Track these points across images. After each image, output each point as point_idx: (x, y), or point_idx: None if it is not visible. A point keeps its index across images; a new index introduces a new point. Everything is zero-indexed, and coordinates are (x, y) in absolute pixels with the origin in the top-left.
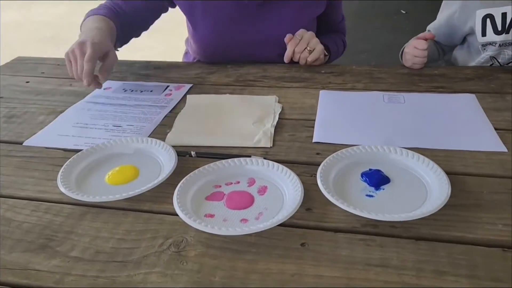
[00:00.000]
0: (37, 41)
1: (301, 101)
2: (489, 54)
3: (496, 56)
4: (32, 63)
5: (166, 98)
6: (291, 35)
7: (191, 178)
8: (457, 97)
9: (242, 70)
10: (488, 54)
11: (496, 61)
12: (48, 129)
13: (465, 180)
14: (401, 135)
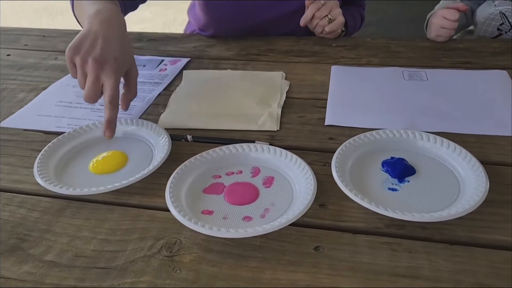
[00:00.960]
0: (31, 12)
1: (311, 77)
2: (498, 9)
3: (506, 13)
4: (15, 35)
5: (160, 73)
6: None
7: (186, 167)
8: (486, 73)
9: (245, 43)
10: (498, 9)
11: (506, 20)
12: (28, 108)
13: (503, 172)
14: (425, 118)
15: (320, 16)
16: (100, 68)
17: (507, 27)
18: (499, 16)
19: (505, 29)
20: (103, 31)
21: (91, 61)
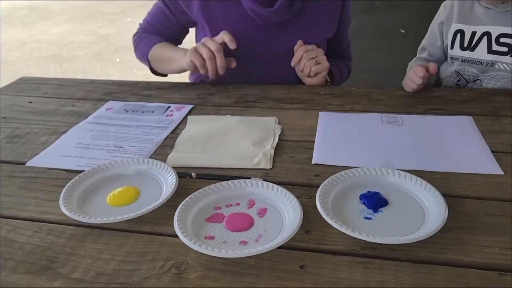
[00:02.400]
0: (40, 59)
1: (301, 122)
2: (454, 68)
3: (461, 71)
4: (35, 83)
5: (168, 118)
6: (301, 41)
7: (191, 199)
8: (454, 119)
9: (242, 91)
10: (454, 68)
11: (462, 77)
12: (51, 150)
13: (463, 203)
14: (399, 157)
15: (308, 57)
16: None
17: (463, 82)
18: (455, 74)
19: (462, 83)
20: None
21: (201, 43)
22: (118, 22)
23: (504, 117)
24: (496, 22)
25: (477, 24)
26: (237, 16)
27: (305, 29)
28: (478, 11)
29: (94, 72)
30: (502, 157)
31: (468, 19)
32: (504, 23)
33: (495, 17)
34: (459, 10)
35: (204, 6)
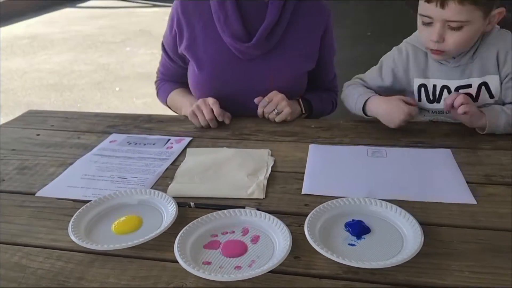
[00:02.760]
0: (41, 88)
1: (292, 154)
2: (428, 118)
3: (434, 120)
4: (42, 116)
5: (168, 151)
6: (261, 97)
7: (190, 227)
8: (434, 152)
9: (238, 124)
10: (428, 118)
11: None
12: (58, 181)
13: (438, 230)
14: (383, 188)
15: (268, 112)
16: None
17: None
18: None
19: None
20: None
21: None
22: (118, 52)
23: (480, 150)
24: (450, 76)
25: (435, 77)
26: (219, 52)
27: (285, 61)
28: (433, 65)
29: (94, 101)
30: (476, 187)
31: (425, 73)
32: (458, 76)
33: (449, 72)
34: (414, 62)
35: (190, 45)
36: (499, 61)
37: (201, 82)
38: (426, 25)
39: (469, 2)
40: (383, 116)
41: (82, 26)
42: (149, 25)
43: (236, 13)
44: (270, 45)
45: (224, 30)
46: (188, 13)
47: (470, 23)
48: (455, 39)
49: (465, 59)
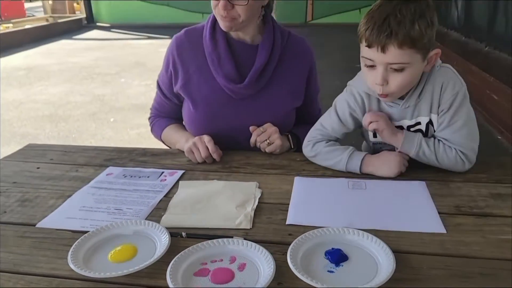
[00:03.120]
0: (36, 119)
1: (279, 186)
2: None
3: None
4: (41, 150)
5: (161, 183)
6: (255, 126)
7: (181, 256)
8: (410, 184)
9: (228, 157)
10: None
11: None
12: (58, 212)
13: (410, 258)
14: (361, 218)
15: (261, 141)
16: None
17: None
18: None
19: None
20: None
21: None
22: (113, 83)
23: (452, 182)
24: (402, 117)
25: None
26: (213, 92)
27: (274, 99)
28: (385, 108)
29: (89, 132)
30: (446, 217)
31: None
32: (408, 117)
33: (400, 113)
34: (369, 106)
35: (185, 85)
36: (440, 98)
37: (196, 120)
38: (369, 67)
39: (408, 46)
40: (382, 171)
41: (78, 57)
42: (144, 57)
43: (229, 56)
44: (261, 85)
45: (218, 72)
46: (183, 54)
47: (410, 65)
48: (398, 81)
49: (413, 99)
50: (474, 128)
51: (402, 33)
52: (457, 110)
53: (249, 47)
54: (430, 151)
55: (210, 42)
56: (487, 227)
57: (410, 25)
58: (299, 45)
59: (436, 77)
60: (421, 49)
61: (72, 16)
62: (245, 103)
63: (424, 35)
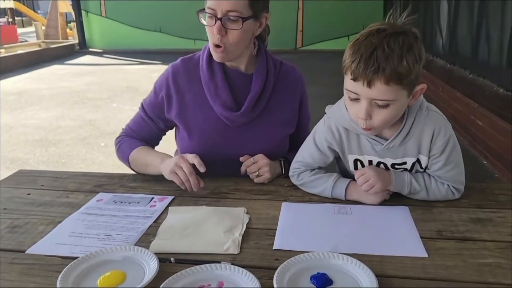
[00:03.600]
0: (26, 143)
1: (266, 212)
2: None
3: None
4: (33, 176)
5: (151, 209)
6: (247, 156)
7: (170, 281)
8: (394, 209)
9: (217, 183)
10: None
11: None
12: (48, 238)
13: (392, 281)
14: (346, 243)
15: (250, 172)
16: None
17: None
18: None
19: None
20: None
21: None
22: (104, 108)
23: (434, 207)
24: (385, 155)
25: (370, 154)
26: (209, 120)
27: (269, 127)
28: (366, 146)
29: (79, 156)
30: (428, 242)
31: (360, 150)
32: (392, 156)
33: (383, 152)
34: (348, 142)
35: (180, 113)
36: (431, 143)
37: (191, 148)
38: (353, 100)
39: (394, 82)
40: (366, 199)
41: (69, 82)
42: (136, 82)
43: (225, 84)
44: (256, 113)
45: (215, 100)
46: (179, 82)
47: (395, 101)
48: (382, 117)
49: (398, 141)
50: (462, 163)
51: (389, 69)
52: (450, 154)
53: (244, 76)
54: (421, 187)
55: (207, 71)
56: (467, 251)
57: (398, 61)
58: (290, 73)
59: (426, 121)
60: (408, 85)
61: (65, 42)
62: (241, 131)
63: (412, 71)
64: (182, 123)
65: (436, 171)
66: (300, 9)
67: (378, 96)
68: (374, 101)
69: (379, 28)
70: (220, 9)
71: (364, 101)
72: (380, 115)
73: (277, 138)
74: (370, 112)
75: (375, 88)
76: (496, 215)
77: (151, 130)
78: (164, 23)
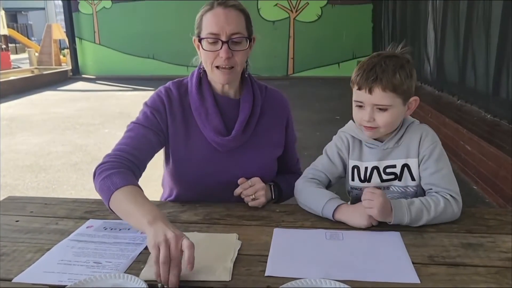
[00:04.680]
0: (16, 169)
1: (258, 238)
2: (354, 197)
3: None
4: (21, 203)
5: (142, 235)
6: (244, 179)
7: None
8: (385, 234)
9: (209, 209)
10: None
11: None
12: (35, 266)
13: None
14: (338, 269)
15: (246, 195)
16: (178, 240)
17: None
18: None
19: None
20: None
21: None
22: (96, 133)
23: (425, 232)
24: (380, 158)
25: (367, 160)
26: (199, 145)
27: (258, 151)
28: (366, 150)
29: (69, 183)
30: (420, 267)
31: (360, 157)
32: (386, 158)
33: (379, 154)
34: (353, 148)
35: (173, 136)
36: (419, 146)
37: (181, 174)
38: (359, 108)
39: (390, 90)
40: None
41: (62, 108)
42: (128, 108)
43: (216, 110)
44: (246, 137)
45: (205, 126)
46: (172, 105)
47: (392, 106)
48: (383, 119)
49: (392, 143)
50: (453, 174)
51: (385, 79)
52: (439, 157)
53: (232, 102)
54: (420, 209)
55: (197, 97)
56: (459, 276)
57: (392, 74)
58: (276, 97)
59: (416, 129)
60: (401, 94)
61: (58, 68)
62: (231, 156)
63: (404, 83)
64: (173, 145)
65: (432, 176)
66: (291, 37)
67: (378, 101)
68: (376, 106)
69: (379, 53)
70: (224, 33)
71: (368, 107)
72: (382, 117)
73: (266, 161)
74: (373, 116)
75: (375, 94)
76: (487, 239)
77: (145, 138)
78: (157, 49)
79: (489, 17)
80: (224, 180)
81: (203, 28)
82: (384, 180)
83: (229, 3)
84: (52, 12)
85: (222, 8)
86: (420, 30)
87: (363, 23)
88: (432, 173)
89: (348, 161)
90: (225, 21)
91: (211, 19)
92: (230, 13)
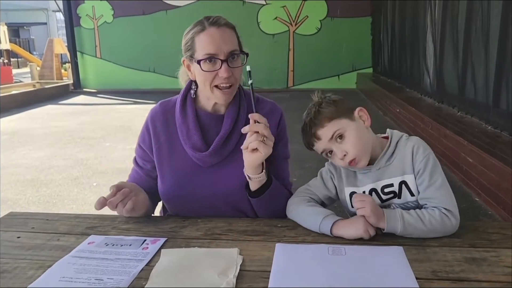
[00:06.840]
0: (17, 183)
1: (260, 253)
2: None
3: None
4: (23, 218)
5: (143, 251)
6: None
7: None
8: (388, 249)
9: (210, 224)
10: None
11: None
12: (36, 284)
13: None
14: (341, 284)
15: (262, 132)
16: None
17: None
18: None
19: None
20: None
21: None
22: (97, 147)
23: (428, 247)
24: (375, 179)
25: (363, 184)
26: (182, 161)
27: (240, 166)
28: (359, 175)
29: (71, 197)
30: (424, 283)
31: (355, 182)
32: (382, 177)
33: (373, 176)
34: (346, 176)
35: (157, 153)
36: (412, 160)
37: (167, 190)
38: (328, 156)
39: (326, 121)
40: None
41: (63, 122)
42: (130, 121)
43: (196, 127)
44: (226, 152)
45: (186, 142)
46: (156, 125)
47: (343, 128)
48: (349, 142)
49: (383, 161)
50: (449, 186)
51: (317, 120)
52: (433, 169)
53: (216, 117)
54: (414, 219)
55: (180, 115)
56: None
57: (318, 113)
58: (267, 106)
59: (406, 143)
60: (340, 116)
61: (59, 82)
62: (213, 171)
63: (331, 109)
64: (158, 163)
65: (426, 190)
66: (291, 50)
67: (328, 135)
68: (332, 140)
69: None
70: (222, 52)
71: (330, 148)
72: (347, 144)
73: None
74: (341, 149)
75: (320, 134)
76: (490, 254)
77: (145, 182)
78: (157, 63)
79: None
80: (208, 194)
81: (198, 49)
82: (384, 200)
83: (221, 22)
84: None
85: (216, 28)
86: (419, 43)
87: (362, 36)
88: (427, 186)
89: (344, 189)
90: (221, 40)
91: (206, 40)
92: (225, 32)
